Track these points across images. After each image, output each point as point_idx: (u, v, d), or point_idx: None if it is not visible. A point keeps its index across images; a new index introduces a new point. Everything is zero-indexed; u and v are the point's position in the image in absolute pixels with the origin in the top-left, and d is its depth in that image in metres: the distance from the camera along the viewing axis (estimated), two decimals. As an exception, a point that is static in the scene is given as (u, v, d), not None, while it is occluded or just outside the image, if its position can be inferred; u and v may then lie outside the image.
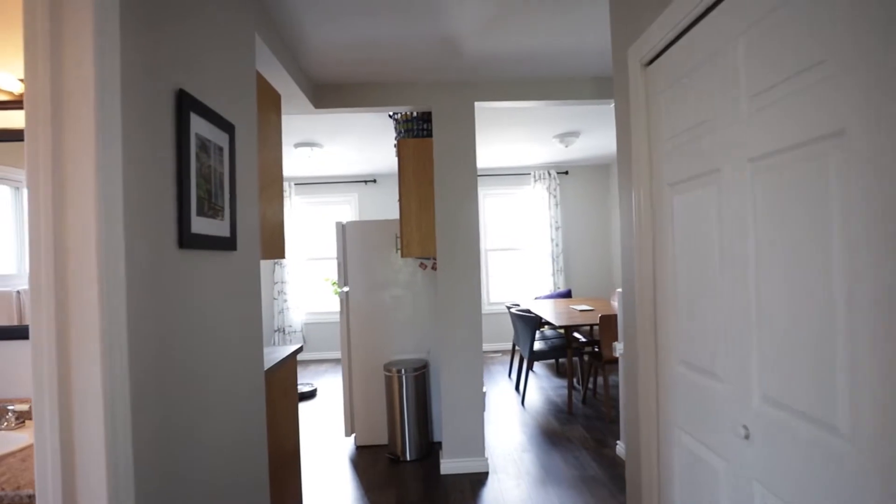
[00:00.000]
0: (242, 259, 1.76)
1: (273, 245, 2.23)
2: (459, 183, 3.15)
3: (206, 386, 1.44)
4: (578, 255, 6.94)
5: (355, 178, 6.92)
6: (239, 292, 1.72)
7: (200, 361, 1.41)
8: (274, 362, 2.28)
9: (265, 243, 2.09)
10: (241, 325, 1.74)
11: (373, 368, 3.66)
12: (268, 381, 2.21)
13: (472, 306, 3.17)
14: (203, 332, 1.44)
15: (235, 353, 1.68)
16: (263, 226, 2.08)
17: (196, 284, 1.41)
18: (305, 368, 6.39)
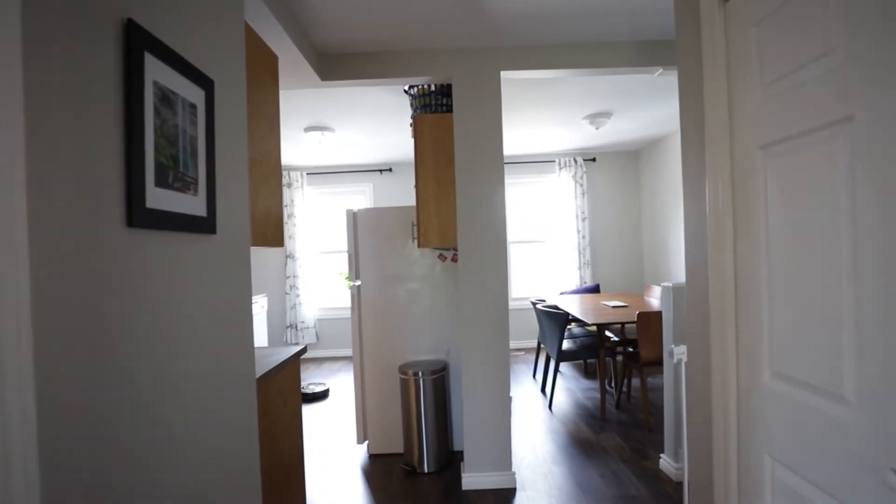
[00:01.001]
0: (225, 245, 1.44)
1: (268, 231, 1.92)
2: (484, 163, 2.81)
3: (171, 404, 1.12)
4: (606, 248, 6.53)
5: (370, 167, 6.62)
6: (220, 285, 1.41)
7: (161, 376, 1.10)
8: (272, 366, 1.97)
9: (258, 228, 1.78)
10: (224, 324, 1.43)
11: (387, 370, 3.34)
12: (264, 388, 1.90)
13: (497, 303, 2.83)
14: (165, 335, 1.13)
15: (214, 358, 1.37)
16: (255, 207, 1.77)
17: (155, 274, 1.10)
18: (319, 367, 6.13)
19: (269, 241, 1.96)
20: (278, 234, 2.01)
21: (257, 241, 1.79)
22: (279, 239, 2.01)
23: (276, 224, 1.99)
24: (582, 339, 4.50)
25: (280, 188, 2.03)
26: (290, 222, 6.49)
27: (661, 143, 5.78)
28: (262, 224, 1.86)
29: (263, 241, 1.84)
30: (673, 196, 5.53)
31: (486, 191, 2.81)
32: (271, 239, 1.97)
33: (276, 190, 2.00)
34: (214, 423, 1.35)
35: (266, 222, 1.93)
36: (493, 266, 2.81)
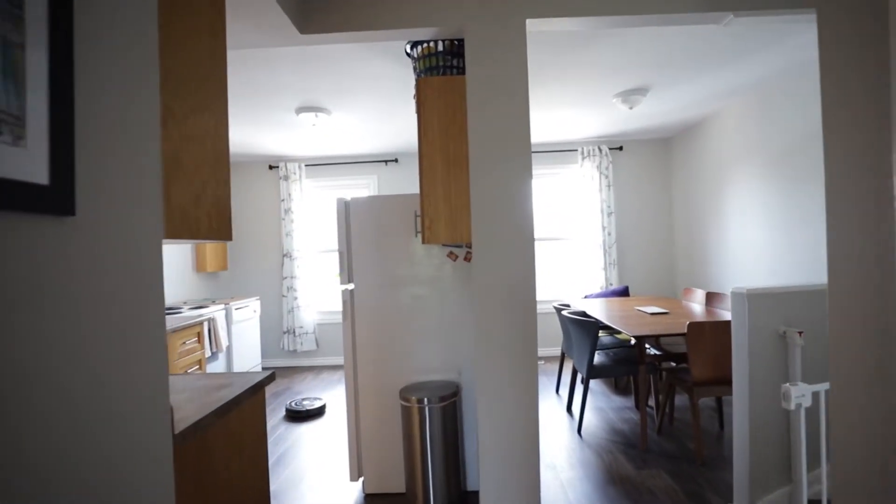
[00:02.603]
0: (98, 235, 0.87)
1: (214, 221, 1.35)
2: (506, 137, 2.21)
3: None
4: (635, 247, 5.90)
5: (373, 158, 6.05)
6: (92, 297, 0.84)
7: None
8: (221, 402, 1.40)
9: (177, 212, 1.20)
10: (104, 355, 0.86)
11: (386, 394, 2.76)
12: (207, 435, 1.34)
13: (523, 313, 2.23)
14: None
15: (86, 408, 0.80)
16: (174, 180, 1.19)
17: None
18: (317, 377, 5.58)
19: (215, 232, 1.39)
20: (225, 226, 1.43)
21: (180, 232, 1.21)
22: (226, 231, 1.43)
23: (222, 212, 1.42)
24: (615, 350, 3.89)
25: (228, 171, 1.45)
26: (287, 218, 5.95)
27: (698, 129, 5.13)
28: (186, 207, 1.29)
29: (188, 231, 1.26)
30: (713, 189, 4.89)
31: (508, 172, 2.22)
32: (217, 230, 1.39)
33: (223, 172, 1.43)
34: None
35: (213, 210, 1.36)
36: (518, 268, 2.21)
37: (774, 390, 2.21)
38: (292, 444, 3.63)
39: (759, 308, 2.17)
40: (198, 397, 1.49)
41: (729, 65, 3.45)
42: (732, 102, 4.40)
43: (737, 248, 4.52)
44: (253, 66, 3.12)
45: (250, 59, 3.02)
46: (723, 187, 4.72)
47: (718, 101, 4.36)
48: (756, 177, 4.19)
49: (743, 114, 4.32)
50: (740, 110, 4.36)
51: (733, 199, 4.54)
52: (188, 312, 4.04)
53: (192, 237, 1.24)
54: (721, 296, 3.88)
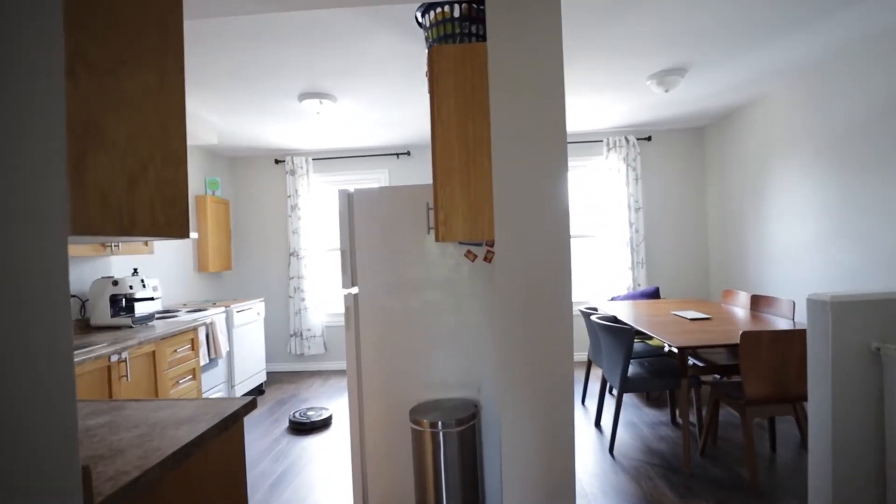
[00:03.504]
0: None
1: (161, 215, 1.02)
2: (536, 117, 1.86)
3: None
4: (664, 244, 5.48)
5: (384, 151, 5.72)
6: None
7: None
8: (177, 446, 1.08)
9: (94, 199, 0.87)
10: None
11: (395, 412, 2.43)
12: (155, 494, 1.01)
13: (556, 322, 1.88)
14: None
15: None
16: (91, 156, 0.86)
17: None
18: (325, 383, 5.27)
19: (162, 227, 1.06)
20: (178, 219, 1.10)
21: (129, 227, 0.88)
22: (180, 226, 1.10)
23: (173, 201, 1.09)
24: (649, 360, 3.50)
25: (182, 147, 1.12)
26: (293, 215, 5.66)
27: (736, 116, 4.70)
28: (141, 198, 0.96)
29: (150, 227, 0.94)
30: (753, 182, 4.46)
31: (539, 157, 1.86)
32: (165, 225, 1.06)
33: (175, 149, 1.10)
34: None
35: (157, 198, 1.03)
36: (551, 270, 1.86)
37: (865, 418, 1.82)
38: (295, 459, 3.32)
39: (845, 319, 1.78)
40: (149, 437, 1.16)
41: (778, 39, 3.04)
42: (778, 84, 3.97)
43: (782, 246, 4.09)
44: (246, 45, 2.80)
45: (243, 37, 2.71)
46: (765, 180, 4.29)
47: (763, 83, 3.93)
48: (806, 168, 3.76)
49: (791, 97, 3.89)
50: (788, 93, 3.93)
51: (778, 192, 4.12)
52: (184, 316, 3.76)
53: (121, 233, 0.91)
54: (770, 299, 3.47)
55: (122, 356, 2.60)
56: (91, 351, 2.43)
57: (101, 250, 2.99)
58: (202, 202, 5.00)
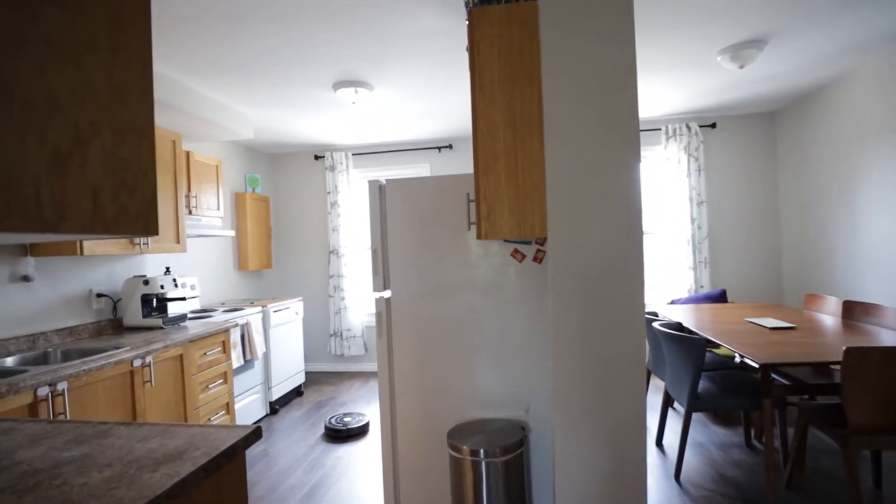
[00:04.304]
0: None
1: (66, 199, 0.79)
2: (600, 89, 1.54)
3: None
4: (731, 242, 4.96)
5: (425, 144, 5.47)
6: None
7: None
8: (149, 497, 0.85)
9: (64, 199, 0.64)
10: None
11: (431, 433, 2.16)
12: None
13: (627, 334, 1.56)
14: None
15: None
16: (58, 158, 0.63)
17: None
18: (364, 385, 5.09)
19: (114, 222, 0.82)
20: (139, 211, 0.86)
21: (52, 222, 0.65)
22: (144, 221, 0.87)
23: (134, 188, 0.85)
24: (719, 373, 3.08)
25: (148, 116, 0.88)
26: (333, 212, 5.50)
27: (817, 97, 4.14)
28: (79, 184, 0.72)
29: (90, 220, 0.71)
30: (839, 173, 3.90)
31: (603, 139, 1.54)
32: (118, 219, 0.83)
33: (136, 116, 0.86)
34: None
35: (107, 183, 0.80)
36: (619, 274, 1.53)
37: None
38: (328, 470, 3.12)
39: None
40: (118, 483, 0.94)
41: (880, 1, 2.56)
42: (873, 58, 3.42)
43: (878, 245, 3.54)
44: (275, 27, 2.60)
45: (270, 17, 2.50)
46: (854, 170, 3.74)
47: (853, 57, 3.40)
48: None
49: (889, 73, 3.34)
50: (884, 68, 3.37)
51: (871, 185, 3.57)
52: (219, 317, 3.64)
53: (39, 229, 0.67)
54: (870, 307, 2.97)
55: (145, 360, 2.46)
56: (111, 356, 2.29)
57: (131, 248, 2.88)
58: (242, 199, 4.92)
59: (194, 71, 3.10)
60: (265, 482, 2.99)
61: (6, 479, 1.04)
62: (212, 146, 4.58)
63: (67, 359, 2.50)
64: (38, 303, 2.65)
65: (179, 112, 3.23)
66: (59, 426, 1.34)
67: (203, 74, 3.16)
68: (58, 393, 2.01)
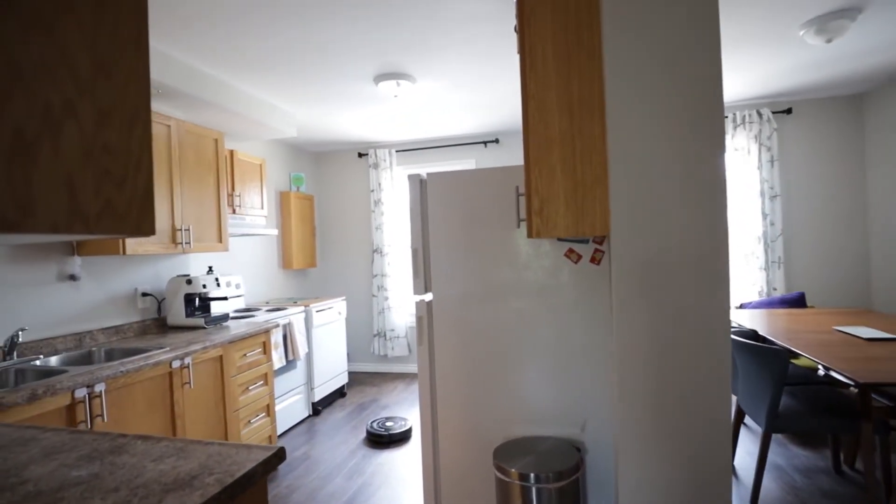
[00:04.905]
0: None
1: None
2: (674, 66, 1.31)
3: None
4: (809, 240, 4.49)
5: (470, 139, 5.29)
6: None
7: None
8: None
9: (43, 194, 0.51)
10: None
11: (475, 450, 1.98)
12: None
13: (706, 345, 1.32)
14: None
15: None
16: None
17: None
18: (408, 387, 4.97)
19: (101, 223, 0.69)
20: (134, 210, 0.73)
21: (37, 222, 0.52)
22: (137, 220, 0.73)
23: (120, 185, 0.72)
24: (804, 388, 2.73)
25: (144, 115, 0.75)
26: (377, 210, 5.42)
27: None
28: (55, 179, 0.59)
29: (77, 223, 0.58)
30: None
31: (678, 122, 1.31)
32: (102, 220, 0.70)
33: (125, 111, 0.73)
34: None
35: (96, 178, 0.67)
36: (698, 279, 1.30)
37: None
38: (368, 478, 3.01)
39: None
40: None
41: None
42: None
43: None
44: (315, 20, 2.49)
45: (310, 12, 2.39)
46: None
47: (971, 25, 2.93)
48: None
49: None
50: None
51: None
52: (261, 316, 3.60)
53: (79, 231, 0.54)
54: None
55: (184, 362, 2.42)
56: (150, 357, 2.25)
57: (173, 248, 2.87)
58: (286, 198, 4.91)
59: (233, 66, 3.05)
60: (305, 487, 2.91)
61: (7, 500, 0.95)
62: (257, 145, 4.58)
63: (110, 358, 2.50)
64: (84, 302, 2.67)
65: (220, 109, 3.20)
66: (78, 437, 1.26)
67: (242, 70, 3.11)
68: (95, 395, 1.98)
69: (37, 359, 2.28)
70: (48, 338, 2.46)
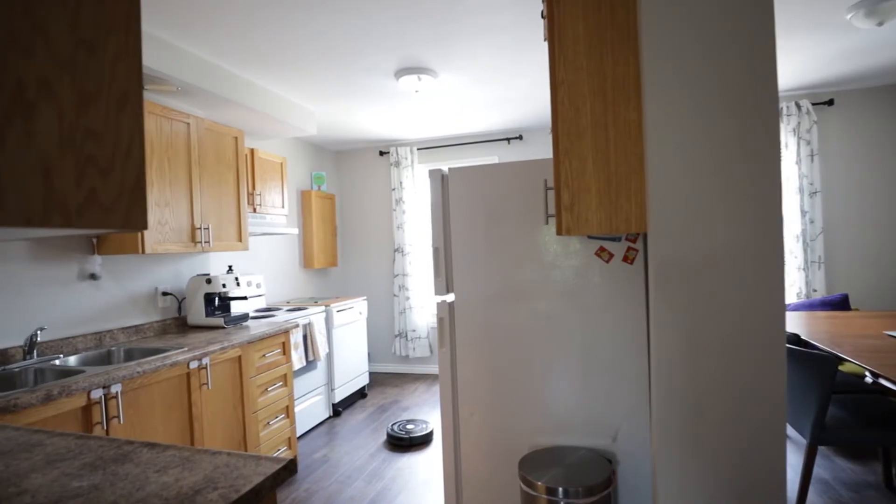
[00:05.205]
0: None
1: (67, 188, 0.59)
2: (718, 37, 1.19)
3: None
4: (852, 238, 4.24)
5: (493, 136, 5.18)
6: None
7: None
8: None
9: None
10: None
11: (498, 459, 1.88)
12: None
13: (760, 351, 1.20)
14: None
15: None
16: None
17: None
18: (429, 389, 4.89)
19: (83, 216, 0.62)
20: (122, 202, 0.66)
21: (6, 214, 0.45)
22: (126, 213, 0.66)
23: (105, 173, 0.64)
24: (853, 397, 2.55)
25: (135, 98, 0.68)
26: (398, 209, 5.36)
27: (978, 58, 3.39)
28: (28, 165, 0.52)
29: (55, 214, 0.51)
30: None
31: (728, 107, 1.19)
32: (84, 212, 0.62)
33: (110, 92, 0.65)
34: None
35: (77, 166, 0.60)
36: (749, 276, 1.18)
37: None
38: (388, 483, 2.93)
39: None
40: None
41: None
42: None
43: None
44: (334, 13, 2.42)
45: (325, 4, 2.33)
46: None
47: None
48: None
49: None
50: None
51: None
52: (281, 316, 3.57)
53: (56, 224, 0.47)
54: None
55: (202, 362, 2.38)
56: (167, 357, 2.22)
57: (193, 247, 2.84)
58: (307, 197, 4.88)
59: (251, 62, 3.01)
60: (324, 491, 2.85)
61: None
62: (278, 144, 4.56)
63: (129, 358, 2.48)
64: (105, 301, 2.66)
65: (239, 107, 3.17)
66: (84, 443, 1.21)
67: (261, 66, 3.07)
68: (111, 396, 1.95)
69: (56, 358, 2.26)
70: (68, 337, 2.45)
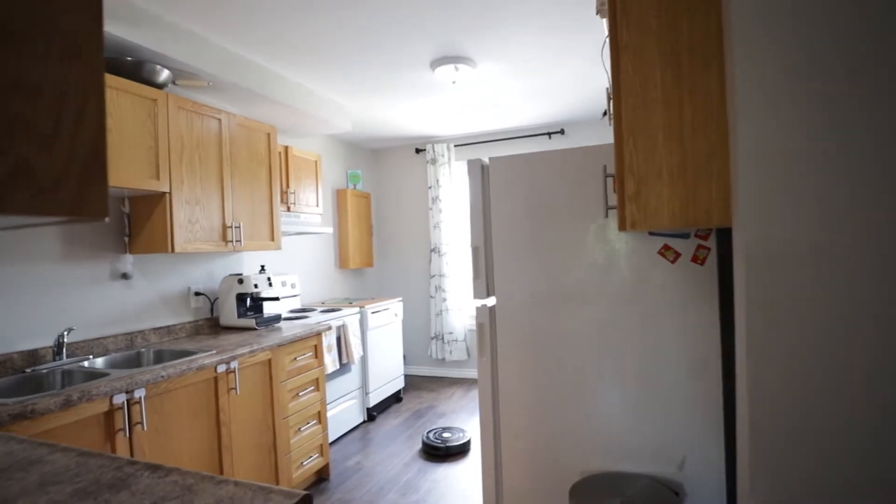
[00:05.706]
0: None
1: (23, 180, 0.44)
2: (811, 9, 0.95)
3: None
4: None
5: (533, 131, 4.94)
6: None
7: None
8: None
9: None
10: None
11: (545, 482, 1.67)
12: None
13: (885, 363, 0.96)
14: None
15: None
16: None
17: None
18: (466, 394, 4.71)
19: (68, 200, 0.47)
20: (77, 184, 0.51)
21: None
22: (84, 197, 0.51)
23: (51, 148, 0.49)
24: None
25: (92, 50, 0.53)
26: (434, 207, 5.20)
27: None
28: None
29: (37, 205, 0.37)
30: None
31: (835, 66, 0.95)
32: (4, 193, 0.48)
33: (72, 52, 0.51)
34: None
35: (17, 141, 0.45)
36: (878, 269, 0.94)
37: None
38: (423, 495, 2.77)
39: None
40: None
41: None
42: None
43: None
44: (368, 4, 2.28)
45: None
46: None
47: None
48: None
49: None
50: None
51: None
52: (315, 317, 3.47)
53: None
54: None
55: (230, 366, 2.28)
56: (193, 361, 2.12)
57: (224, 246, 2.76)
58: (343, 196, 4.79)
59: (284, 57, 2.91)
60: (357, 501, 2.72)
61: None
62: (312, 141, 4.48)
63: (159, 360, 2.41)
64: (137, 301, 2.61)
65: (271, 102, 3.08)
66: (85, 461, 1.09)
67: (291, 58, 2.97)
68: (135, 401, 1.86)
69: (85, 359, 2.21)
70: (99, 337, 2.40)
